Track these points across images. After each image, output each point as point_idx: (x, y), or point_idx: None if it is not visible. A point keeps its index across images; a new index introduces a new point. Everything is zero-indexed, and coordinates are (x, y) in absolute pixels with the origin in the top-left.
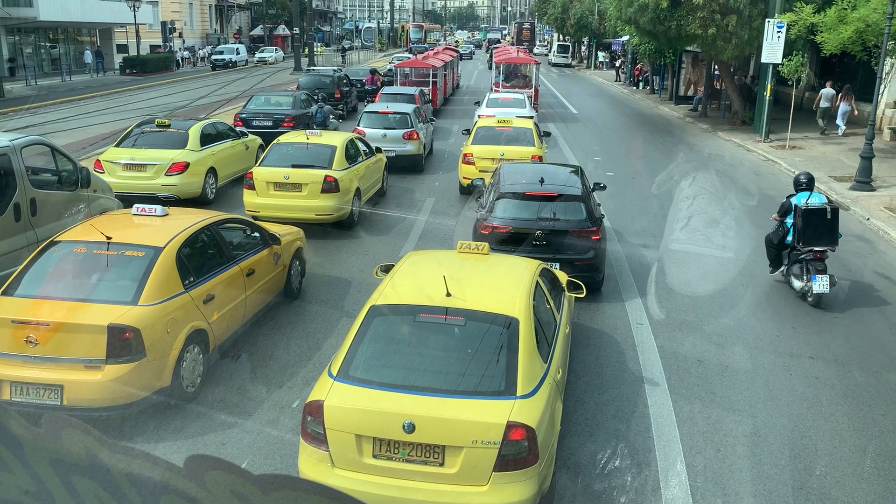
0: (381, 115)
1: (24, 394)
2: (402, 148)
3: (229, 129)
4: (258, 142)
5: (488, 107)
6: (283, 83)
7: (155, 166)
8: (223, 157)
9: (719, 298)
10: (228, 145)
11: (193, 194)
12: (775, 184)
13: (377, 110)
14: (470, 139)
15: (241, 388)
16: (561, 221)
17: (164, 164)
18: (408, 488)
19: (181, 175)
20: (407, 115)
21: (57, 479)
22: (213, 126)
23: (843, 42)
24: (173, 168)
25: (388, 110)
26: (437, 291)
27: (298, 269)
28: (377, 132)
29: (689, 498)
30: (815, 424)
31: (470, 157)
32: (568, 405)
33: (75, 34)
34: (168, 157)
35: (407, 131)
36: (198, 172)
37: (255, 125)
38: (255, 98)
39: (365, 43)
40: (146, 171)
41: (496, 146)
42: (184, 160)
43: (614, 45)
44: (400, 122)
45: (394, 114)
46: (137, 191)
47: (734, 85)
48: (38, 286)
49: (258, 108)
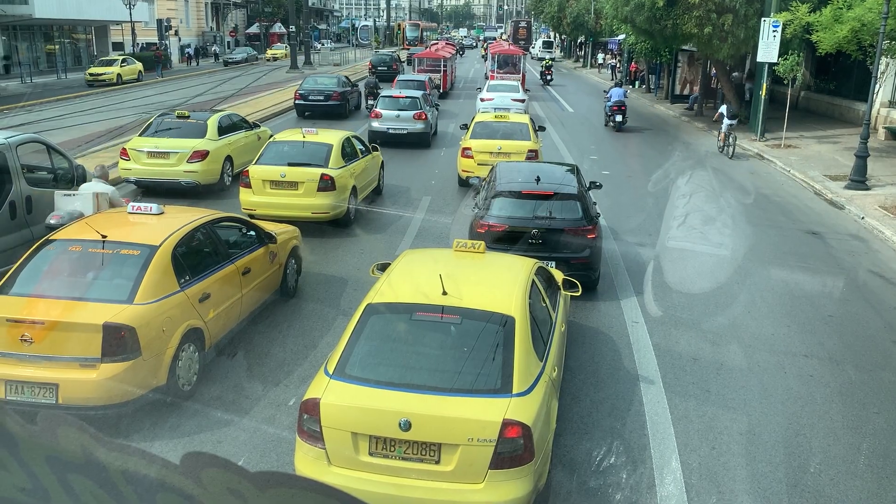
0: (395, 99)
1: (19, 393)
2: (413, 127)
3: (242, 121)
4: (268, 133)
5: (488, 91)
6: (279, 81)
7: (177, 154)
8: (239, 146)
9: (715, 297)
10: (243, 135)
11: (212, 181)
12: (770, 183)
13: (392, 94)
14: (468, 133)
15: (237, 385)
16: (557, 220)
17: (185, 152)
18: (404, 486)
19: (202, 162)
20: (417, 98)
21: (53, 477)
22: (229, 117)
23: (838, 41)
24: (194, 156)
25: (401, 94)
26: (434, 290)
27: (294, 267)
28: (392, 113)
29: (685, 495)
30: (809, 422)
31: (469, 150)
32: (564, 403)
33: (71, 31)
34: (189, 146)
35: (417, 112)
36: (217, 160)
37: (311, 99)
38: (307, 80)
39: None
40: (169, 158)
41: (494, 140)
42: (204, 148)
43: (610, 44)
44: (411, 104)
45: (405, 98)
46: (161, 177)
47: (730, 84)
48: (33, 285)
49: (312, 87)
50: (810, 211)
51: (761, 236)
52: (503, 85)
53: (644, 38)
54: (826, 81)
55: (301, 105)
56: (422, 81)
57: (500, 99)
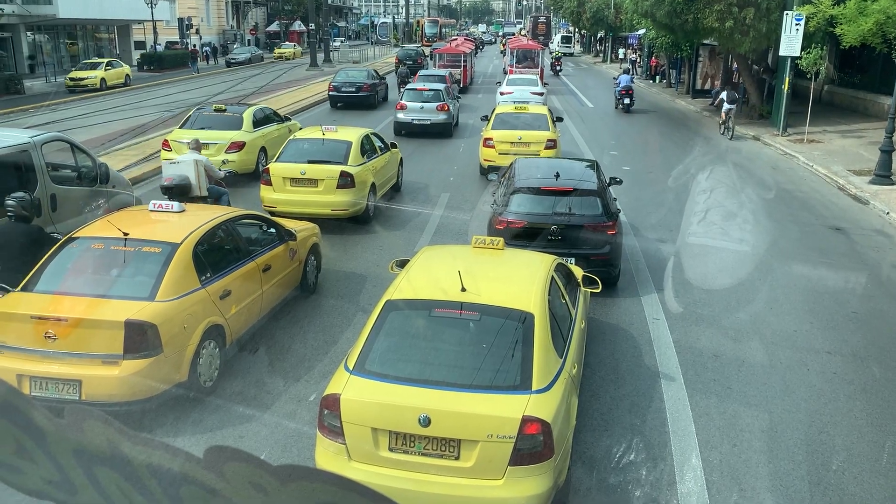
0: (419, 92)
1: (43, 389)
2: (436, 117)
3: (274, 114)
4: (298, 126)
5: (508, 85)
6: (299, 79)
7: (216, 145)
8: (272, 138)
9: (736, 293)
10: (275, 128)
11: (248, 170)
12: (793, 178)
13: (416, 87)
14: (489, 125)
15: (258, 381)
16: (576, 216)
17: (223, 142)
18: (423, 481)
19: (239, 153)
20: (440, 91)
21: (79, 470)
22: (262, 111)
23: (862, 34)
24: (232, 146)
25: (425, 87)
26: (453, 286)
27: (314, 264)
28: (416, 104)
29: (705, 492)
30: (832, 420)
31: (490, 140)
32: (583, 400)
33: (94, 31)
34: (227, 137)
35: (440, 104)
36: (252, 151)
37: (344, 91)
38: (340, 73)
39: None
40: (209, 149)
41: (514, 130)
42: (241, 139)
43: (630, 39)
44: (434, 97)
45: (429, 90)
46: None
47: (752, 78)
48: (56, 282)
49: (344, 80)
50: (834, 206)
51: (783, 232)
52: (522, 79)
53: (664, 32)
54: (850, 75)
55: (334, 96)
56: (442, 76)
57: (519, 92)
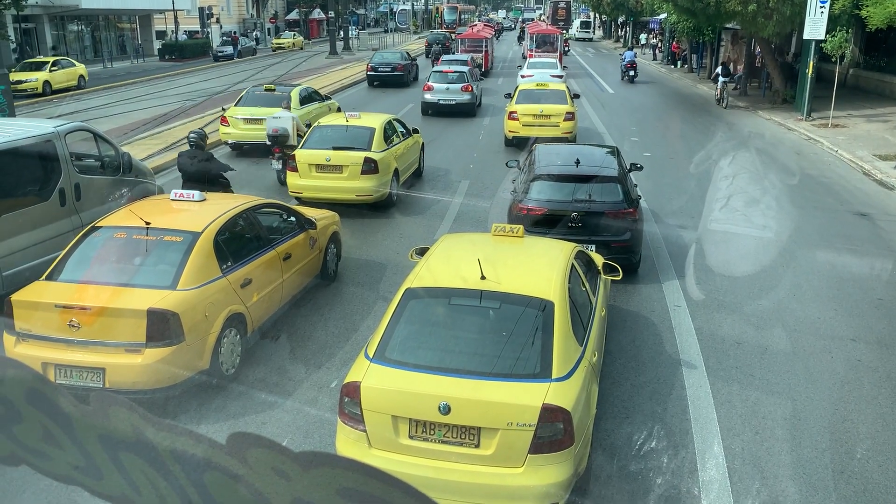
0: (445, 74)
1: (67, 376)
2: (461, 98)
3: (315, 93)
4: (336, 104)
5: (528, 68)
6: (318, 67)
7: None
8: (316, 115)
9: (758, 280)
10: (317, 106)
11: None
12: (817, 163)
13: (442, 69)
14: (513, 100)
15: (280, 368)
16: (597, 203)
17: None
18: (444, 469)
19: None
20: (464, 73)
21: (105, 455)
22: (306, 90)
23: (889, 16)
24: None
25: (450, 69)
26: (472, 274)
27: (334, 252)
28: (442, 86)
29: (727, 480)
30: (856, 408)
31: (514, 114)
32: (604, 387)
33: (116, 21)
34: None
35: (464, 85)
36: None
37: (381, 70)
38: (376, 55)
39: (399, 25)
40: (261, 124)
41: (536, 104)
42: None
43: (651, 24)
44: (459, 78)
45: (454, 72)
46: (255, 140)
47: (775, 62)
48: (80, 271)
49: (381, 61)
50: (858, 192)
51: (807, 218)
52: (542, 62)
53: (686, 16)
54: (876, 58)
55: (372, 75)
56: (464, 61)
57: (539, 75)
